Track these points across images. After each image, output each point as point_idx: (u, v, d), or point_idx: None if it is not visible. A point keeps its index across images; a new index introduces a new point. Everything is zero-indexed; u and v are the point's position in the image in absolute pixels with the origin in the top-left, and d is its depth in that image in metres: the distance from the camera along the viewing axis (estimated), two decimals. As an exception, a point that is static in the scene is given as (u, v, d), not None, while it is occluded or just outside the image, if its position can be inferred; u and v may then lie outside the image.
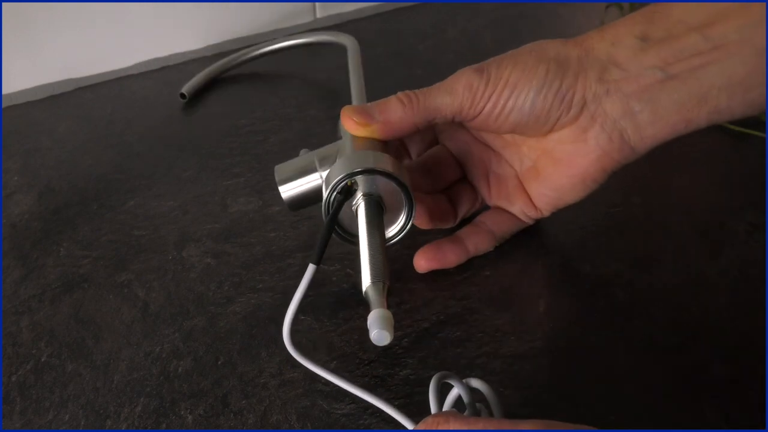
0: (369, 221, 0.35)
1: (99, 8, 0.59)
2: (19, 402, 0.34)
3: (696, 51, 0.31)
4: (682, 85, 0.32)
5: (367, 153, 0.36)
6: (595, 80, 0.33)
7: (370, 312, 0.30)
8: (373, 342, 0.30)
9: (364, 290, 0.32)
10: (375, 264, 0.33)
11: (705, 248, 0.42)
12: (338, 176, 0.35)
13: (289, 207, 0.41)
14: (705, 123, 0.34)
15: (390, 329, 0.29)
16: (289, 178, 0.40)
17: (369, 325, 0.30)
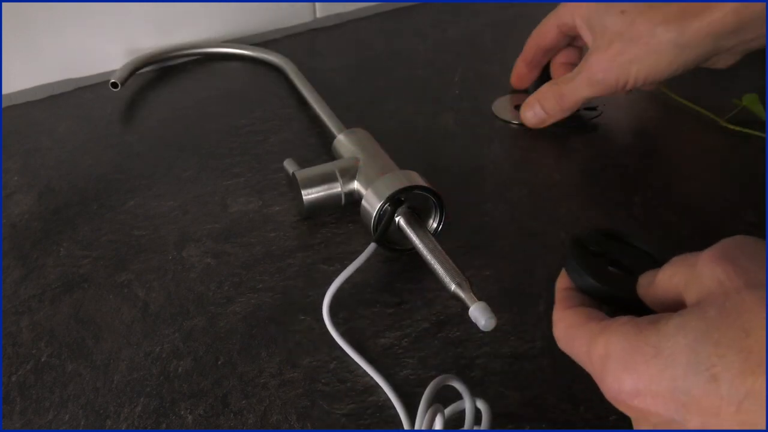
0: (423, 231, 0.39)
1: (99, 8, 0.59)
2: (19, 402, 0.34)
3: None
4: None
5: (407, 172, 0.41)
6: None
7: (471, 308, 0.34)
8: (483, 329, 0.33)
9: (452, 292, 0.35)
10: (448, 268, 0.36)
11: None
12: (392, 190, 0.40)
13: (306, 211, 0.44)
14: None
15: (493, 314, 0.33)
16: (312, 184, 0.43)
17: (475, 319, 0.33)
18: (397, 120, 0.56)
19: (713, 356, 0.21)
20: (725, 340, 0.21)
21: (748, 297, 0.22)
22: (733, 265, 0.23)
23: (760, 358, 0.20)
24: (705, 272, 0.24)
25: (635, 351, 0.23)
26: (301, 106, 0.58)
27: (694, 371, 0.21)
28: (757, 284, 0.22)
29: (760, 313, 0.21)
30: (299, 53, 0.65)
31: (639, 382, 0.23)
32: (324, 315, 0.37)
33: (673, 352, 0.22)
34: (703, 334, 0.22)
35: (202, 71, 0.64)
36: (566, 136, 0.53)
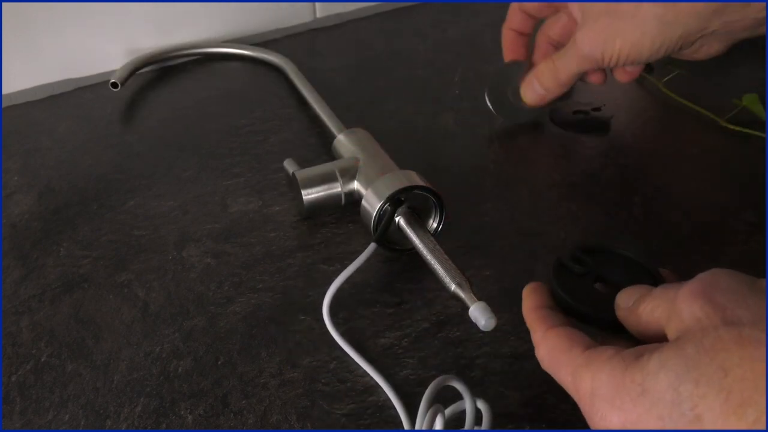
0: (423, 231, 0.39)
1: (99, 8, 0.59)
2: (19, 402, 0.34)
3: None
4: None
5: (407, 172, 0.41)
6: None
7: (471, 308, 0.33)
8: (483, 329, 0.33)
9: (452, 292, 0.35)
10: (448, 268, 0.36)
11: (705, 248, 0.42)
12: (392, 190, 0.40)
13: (306, 211, 0.44)
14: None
15: (492, 314, 0.33)
16: (312, 184, 0.43)
17: (475, 318, 0.33)
18: (397, 120, 0.56)
19: (695, 396, 0.21)
20: (704, 379, 0.21)
21: (725, 335, 0.22)
22: (711, 302, 0.23)
23: (741, 398, 0.20)
24: (684, 308, 0.23)
25: (621, 389, 0.23)
26: (301, 106, 0.58)
27: (678, 411, 0.21)
28: (733, 321, 0.22)
29: (737, 351, 0.21)
30: (299, 53, 0.65)
31: (626, 421, 0.23)
32: (324, 315, 0.37)
33: (657, 391, 0.22)
34: (684, 372, 0.22)
35: (202, 71, 0.64)
36: (566, 136, 0.53)
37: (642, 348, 0.24)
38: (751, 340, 0.21)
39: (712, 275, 0.24)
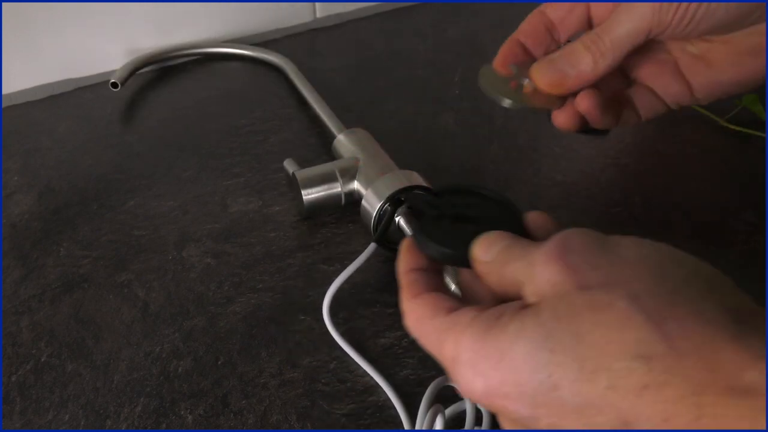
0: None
1: (99, 8, 0.59)
2: (19, 402, 0.34)
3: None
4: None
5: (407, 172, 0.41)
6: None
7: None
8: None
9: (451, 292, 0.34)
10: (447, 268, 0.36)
11: (705, 248, 0.42)
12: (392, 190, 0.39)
13: (306, 211, 0.44)
14: None
15: None
16: (312, 184, 0.43)
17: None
18: (397, 120, 0.56)
19: (551, 364, 0.21)
20: (560, 347, 0.21)
21: (578, 300, 0.22)
22: (565, 265, 0.23)
23: (594, 364, 0.20)
24: (539, 272, 0.23)
25: (482, 356, 0.23)
26: (301, 106, 0.58)
27: (537, 379, 0.21)
28: (587, 285, 0.22)
29: (589, 317, 0.21)
30: (299, 53, 0.65)
31: (489, 386, 0.23)
32: (324, 315, 0.37)
33: (515, 359, 0.22)
34: (541, 340, 0.22)
35: (202, 71, 0.64)
36: (566, 136, 0.53)
37: (502, 308, 0.24)
38: (601, 303, 0.21)
39: (566, 237, 0.24)
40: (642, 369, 0.20)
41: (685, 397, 0.19)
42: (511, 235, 0.26)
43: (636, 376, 0.20)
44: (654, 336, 0.20)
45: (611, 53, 0.33)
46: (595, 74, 0.34)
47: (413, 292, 0.28)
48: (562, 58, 0.35)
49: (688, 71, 0.36)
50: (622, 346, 0.20)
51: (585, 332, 0.21)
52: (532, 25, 0.39)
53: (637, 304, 0.21)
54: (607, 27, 0.33)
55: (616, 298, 0.21)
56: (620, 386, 0.20)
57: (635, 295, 0.21)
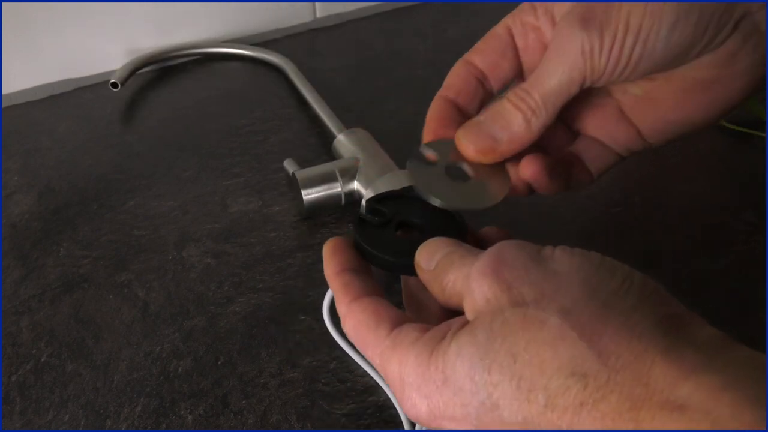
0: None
1: (99, 8, 0.59)
2: (19, 402, 0.34)
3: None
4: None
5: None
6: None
7: None
8: None
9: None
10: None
11: (705, 248, 0.42)
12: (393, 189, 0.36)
13: (306, 211, 0.44)
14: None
15: None
16: (312, 184, 0.43)
17: None
18: (397, 120, 0.56)
19: (488, 385, 0.21)
20: (496, 366, 0.21)
21: (510, 317, 0.21)
22: (498, 280, 0.23)
23: (531, 383, 0.20)
24: (475, 288, 0.23)
25: (427, 377, 0.23)
26: (301, 106, 0.58)
27: (478, 399, 0.21)
28: (521, 301, 0.22)
29: (522, 335, 0.21)
30: (299, 53, 0.65)
31: (434, 408, 0.23)
32: (324, 315, 0.37)
33: (457, 380, 0.22)
34: (478, 360, 0.21)
35: (202, 71, 0.64)
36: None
37: (445, 327, 0.24)
38: (534, 320, 0.21)
39: (499, 249, 0.24)
40: (578, 386, 0.20)
41: (622, 413, 0.19)
42: (454, 243, 0.26)
43: (572, 393, 0.20)
44: (587, 353, 0.20)
45: (544, 110, 0.28)
46: (530, 135, 0.29)
47: (350, 295, 0.27)
48: (490, 120, 0.30)
49: (634, 114, 0.32)
50: (556, 364, 0.20)
51: (519, 351, 0.21)
52: (459, 78, 0.34)
53: (570, 320, 0.21)
54: (535, 80, 0.28)
55: (549, 315, 0.21)
56: (558, 405, 0.20)
57: (567, 311, 0.21)
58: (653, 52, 0.27)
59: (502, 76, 0.33)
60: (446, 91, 0.34)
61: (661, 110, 0.31)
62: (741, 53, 0.27)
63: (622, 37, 0.26)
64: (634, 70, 0.27)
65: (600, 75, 0.27)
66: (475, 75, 0.33)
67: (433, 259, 0.26)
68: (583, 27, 0.26)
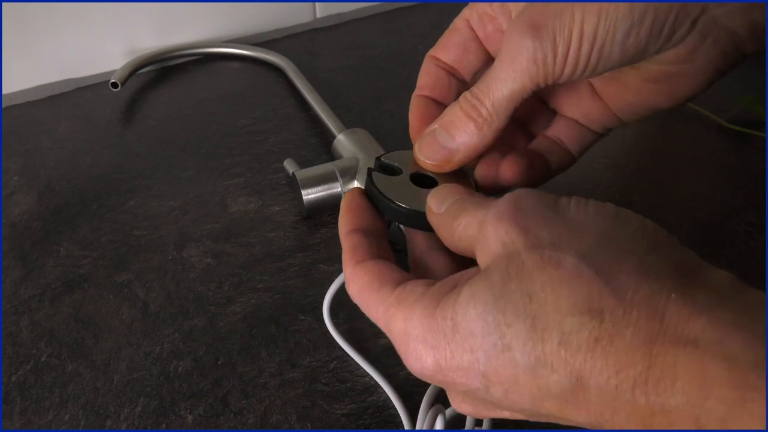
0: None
1: (99, 8, 0.59)
2: (19, 402, 0.34)
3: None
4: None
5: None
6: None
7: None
8: None
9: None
10: None
11: (705, 248, 0.42)
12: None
13: (306, 211, 0.44)
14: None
15: None
16: (312, 184, 0.43)
17: None
18: (397, 120, 0.56)
19: (502, 325, 0.21)
20: (511, 307, 0.21)
21: (528, 260, 0.21)
22: (516, 225, 0.22)
23: (545, 322, 0.20)
24: (490, 233, 0.23)
25: (434, 327, 0.23)
26: (301, 106, 0.58)
27: (490, 342, 0.21)
28: (537, 244, 0.22)
29: (539, 275, 0.21)
30: (299, 53, 0.65)
31: (440, 359, 0.23)
32: (324, 315, 0.37)
33: (468, 324, 0.22)
34: (492, 302, 0.21)
35: (202, 71, 0.64)
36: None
37: (454, 279, 0.24)
38: (550, 261, 0.21)
39: (516, 196, 0.24)
40: (593, 323, 0.20)
41: (637, 347, 0.19)
42: (467, 190, 0.26)
43: (587, 330, 0.20)
44: (603, 290, 0.20)
45: (496, 118, 0.28)
46: (485, 142, 0.29)
47: (356, 257, 0.27)
48: (444, 131, 0.29)
49: (606, 94, 0.32)
50: (572, 302, 0.20)
51: (535, 291, 0.21)
52: (430, 76, 0.34)
53: (586, 261, 0.21)
54: (486, 87, 0.28)
55: (565, 256, 0.21)
56: (572, 342, 0.20)
57: (584, 253, 0.21)
58: (610, 56, 0.26)
59: (470, 68, 0.33)
60: (421, 89, 0.34)
61: (627, 94, 0.31)
62: (700, 50, 0.27)
63: (577, 45, 0.26)
64: (593, 72, 0.27)
65: (556, 79, 0.27)
66: (445, 69, 0.33)
67: (444, 202, 0.26)
68: (534, 35, 0.26)
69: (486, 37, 0.32)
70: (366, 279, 0.26)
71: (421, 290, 0.24)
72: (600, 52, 0.26)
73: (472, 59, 0.33)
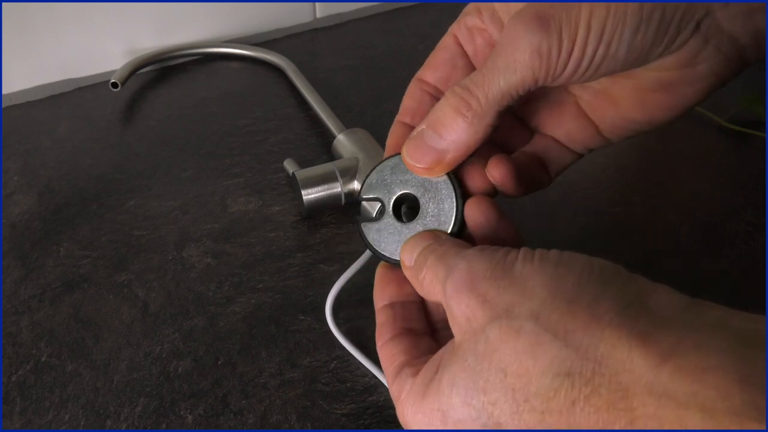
0: None
1: (99, 8, 0.59)
2: (19, 402, 0.34)
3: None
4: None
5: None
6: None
7: None
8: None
9: None
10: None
11: (705, 248, 0.42)
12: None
13: (306, 211, 0.44)
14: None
15: None
16: (312, 184, 0.43)
17: None
18: (397, 120, 0.56)
19: (488, 405, 0.21)
20: (489, 385, 0.21)
21: (492, 334, 0.22)
22: (473, 296, 0.23)
23: (524, 393, 0.21)
24: (454, 308, 0.23)
25: (426, 423, 0.23)
26: (301, 106, 0.58)
27: (480, 423, 0.22)
28: (495, 315, 0.22)
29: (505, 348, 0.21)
30: (299, 53, 0.65)
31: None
32: (326, 314, 0.37)
33: (456, 413, 0.22)
34: (472, 386, 0.22)
35: (202, 71, 0.64)
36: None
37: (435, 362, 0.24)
38: (510, 331, 0.21)
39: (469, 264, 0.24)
40: (565, 386, 0.20)
41: (616, 403, 0.19)
42: (433, 236, 0.27)
43: (562, 394, 0.20)
44: (565, 352, 0.20)
45: (488, 111, 0.26)
46: (476, 139, 0.27)
47: (382, 338, 0.28)
48: (431, 130, 0.27)
49: (593, 111, 0.31)
50: (539, 368, 0.20)
51: (507, 364, 0.21)
52: (414, 100, 0.32)
53: (541, 323, 0.21)
54: (481, 78, 0.26)
55: (522, 322, 0.21)
56: (553, 408, 0.20)
57: (537, 315, 0.21)
58: (616, 55, 0.25)
59: None
60: (402, 115, 0.32)
61: (621, 108, 0.30)
62: (702, 55, 0.27)
63: (583, 39, 0.24)
64: (596, 72, 0.26)
65: (557, 76, 0.26)
66: (430, 92, 0.32)
67: (413, 254, 0.27)
68: (540, 26, 0.24)
69: (475, 53, 0.31)
70: (385, 363, 0.27)
71: (409, 383, 0.25)
72: (606, 50, 0.25)
73: (461, 77, 0.30)
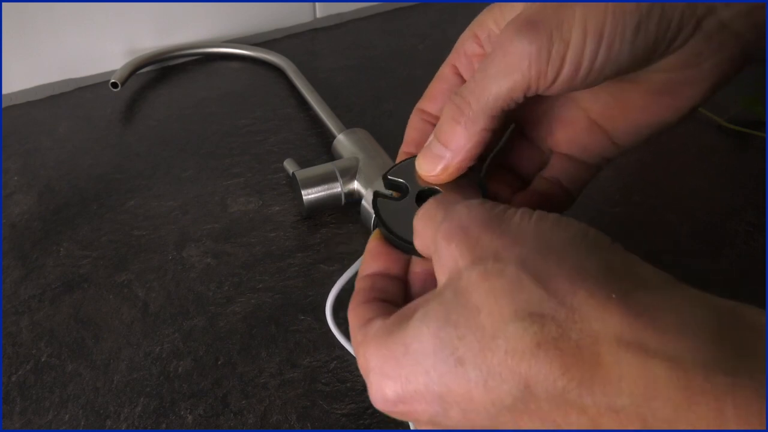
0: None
1: (99, 8, 0.59)
2: (19, 402, 0.34)
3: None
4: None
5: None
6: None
7: None
8: None
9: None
10: None
11: (705, 248, 0.42)
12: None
13: (306, 211, 0.44)
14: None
15: None
16: (312, 184, 0.43)
17: None
18: (397, 120, 0.56)
19: (455, 339, 0.21)
20: (462, 320, 0.21)
21: (476, 272, 0.22)
22: (465, 239, 0.23)
23: (493, 331, 0.20)
24: (442, 251, 0.23)
25: (388, 357, 0.23)
26: (301, 106, 0.58)
27: (442, 358, 0.21)
28: (483, 257, 0.22)
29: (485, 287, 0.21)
30: (299, 53, 0.65)
31: (397, 387, 0.23)
32: (327, 314, 0.37)
33: (420, 344, 0.22)
34: (445, 319, 0.22)
35: (202, 71, 0.64)
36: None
37: (410, 308, 0.24)
38: (494, 272, 0.21)
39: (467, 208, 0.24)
40: (534, 327, 0.20)
41: (583, 348, 0.19)
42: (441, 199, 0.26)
43: (529, 335, 0.20)
44: (543, 294, 0.20)
45: (481, 117, 0.27)
46: (473, 143, 0.28)
47: (355, 302, 0.28)
48: (435, 140, 0.29)
49: (604, 121, 0.31)
50: (513, 308, 0.20)
51: (482, 302, 0.21)
52: (416, 131, 0.32)
53: (525, 267, 0.21)
54: (473, 85, 0.27)
55: (507, 266, 0.21)
56: (517, 349, 0.20)
57: (523, 260, 0.21)
58: (619, 57, 0.25)
59: None
60: (407, 146, 0.32)
61: (631, 114, 0.30)
62: (705, 53, 0.26)
63: (580, 41, 0.24)
64: (600, 75, 0.25)
65: (551, 80, 0.25)
66: (431, 122, 0.32)
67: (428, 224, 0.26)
68: (530, 30, 0.24)
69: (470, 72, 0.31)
70: (353, 321, 0.26)
71: (378, 325, 0.24)
72: (608, 51, 0.24)
73: None
